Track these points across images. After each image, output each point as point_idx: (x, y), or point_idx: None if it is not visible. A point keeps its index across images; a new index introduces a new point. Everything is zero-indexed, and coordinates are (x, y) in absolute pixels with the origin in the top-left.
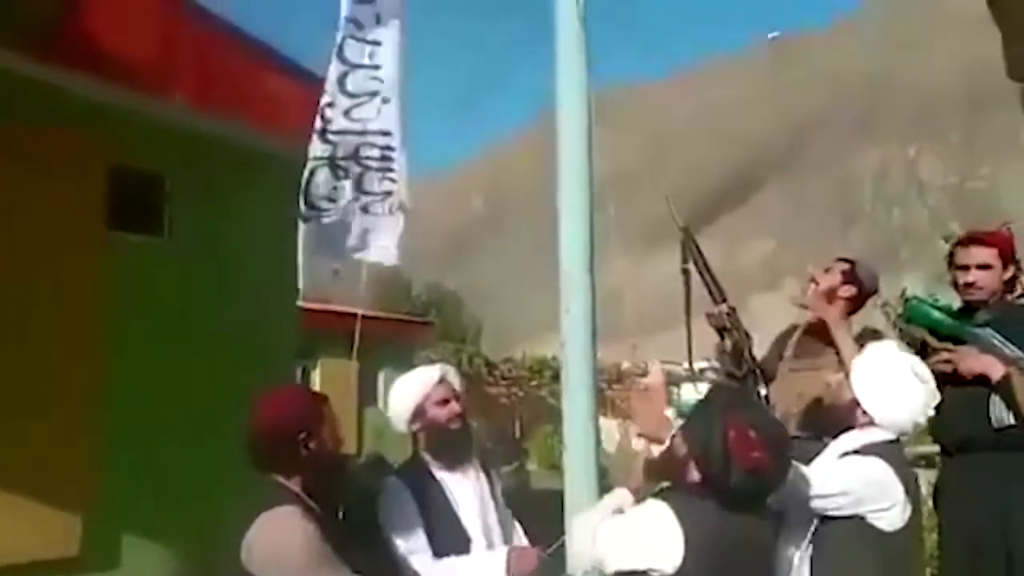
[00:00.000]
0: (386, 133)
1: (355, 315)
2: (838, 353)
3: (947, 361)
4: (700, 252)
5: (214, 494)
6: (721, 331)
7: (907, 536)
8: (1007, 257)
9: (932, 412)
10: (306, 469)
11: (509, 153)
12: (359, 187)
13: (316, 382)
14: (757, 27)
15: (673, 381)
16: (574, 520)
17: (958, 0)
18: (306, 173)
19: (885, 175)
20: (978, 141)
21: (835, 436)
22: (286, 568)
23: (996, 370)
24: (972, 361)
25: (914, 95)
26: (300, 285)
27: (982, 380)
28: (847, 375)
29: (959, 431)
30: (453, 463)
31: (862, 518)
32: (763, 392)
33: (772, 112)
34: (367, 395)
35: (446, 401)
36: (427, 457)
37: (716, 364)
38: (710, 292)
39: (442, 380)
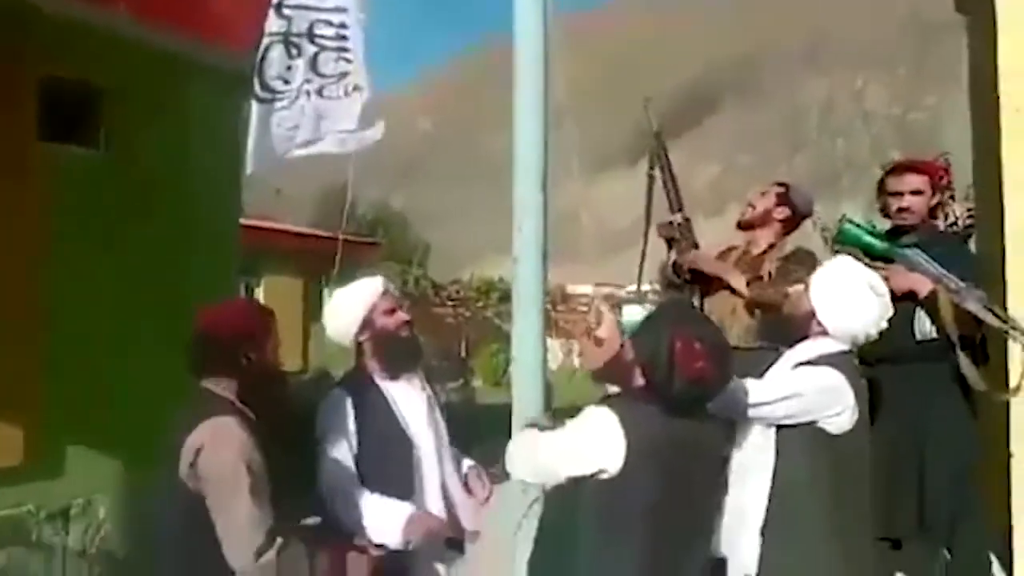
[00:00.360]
0: (341, 10)
1: (296, 234)
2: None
3: None
4: (667, 158)
5: (157, 404)
6: (670, 241)
7: (855, 438)
8: (936, 185)
9: (885, 325)
10: (245, 378)
11: (459, 73)
12: (314, 68)
13: (260, 300)
14: None
15: (616, 303)
16: (516, 435)
17: None
18: (260, 50)
19: (832, 106)
20: (925, 71)
21: (791, 346)
22: (220, 481)
23: (924, 286)
24: (901, 279)
25: (865, 25)
26: (248, 170)
27: (910, 296)
28: (806, 287)
29: (886, 343)
30: (400, 372)
31: (813, 423)
32: (696, 303)
33: (726, 41)
34: (312, 313)
35: (393, 311)
36: (373, 365)
37: (658, 286)
38: (669, 199)
39: (386, 291)
